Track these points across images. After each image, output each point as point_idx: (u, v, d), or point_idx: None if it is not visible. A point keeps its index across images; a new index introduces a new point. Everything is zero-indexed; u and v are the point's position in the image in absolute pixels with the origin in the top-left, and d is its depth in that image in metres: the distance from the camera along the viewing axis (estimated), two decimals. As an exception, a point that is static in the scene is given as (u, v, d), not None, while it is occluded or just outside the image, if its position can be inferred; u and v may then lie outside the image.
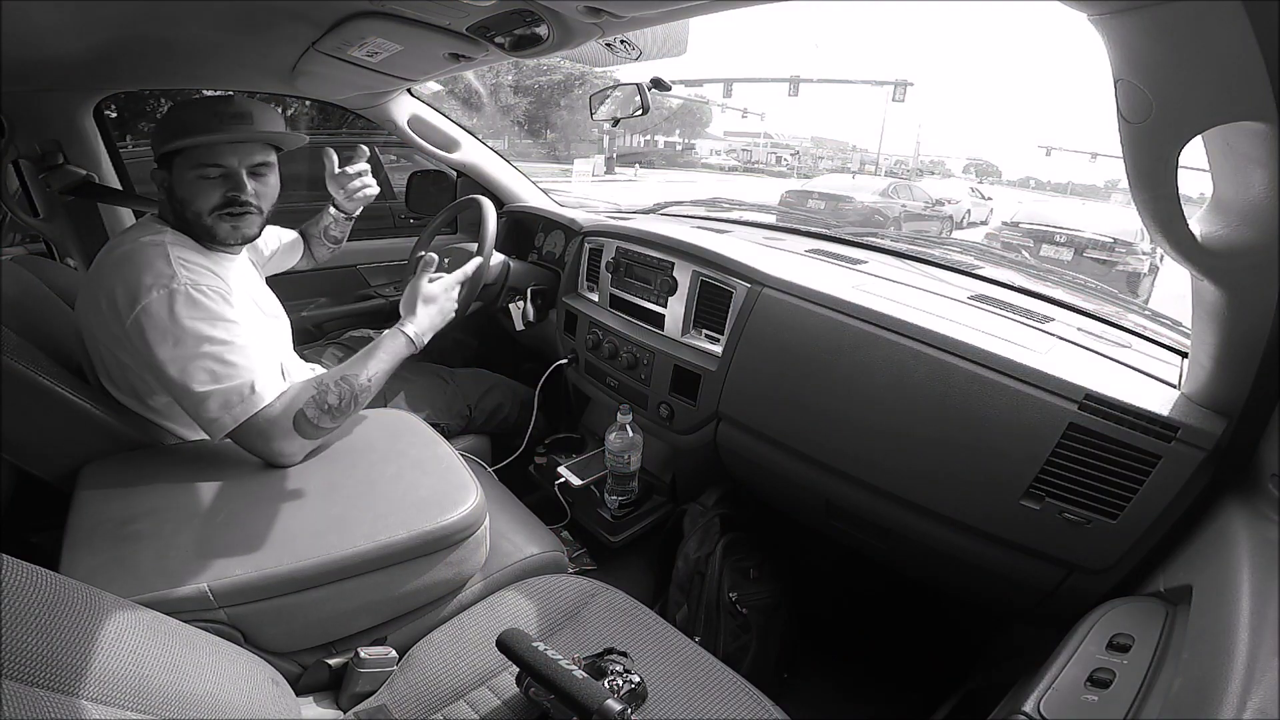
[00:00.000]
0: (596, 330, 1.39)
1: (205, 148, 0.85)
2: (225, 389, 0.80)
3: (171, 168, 0.87)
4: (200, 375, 0.79)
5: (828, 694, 1.14)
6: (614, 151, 19.33)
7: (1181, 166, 0.50)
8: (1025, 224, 5.79)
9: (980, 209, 12.25)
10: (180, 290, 0.80)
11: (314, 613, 0.72)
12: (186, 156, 0.85)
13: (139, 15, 0.91)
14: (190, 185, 0.86)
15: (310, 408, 0.84)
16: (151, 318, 0.79)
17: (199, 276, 0.83)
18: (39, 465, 0.85)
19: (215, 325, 0.81)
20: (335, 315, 1.75)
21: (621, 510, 1.33)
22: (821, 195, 9.16)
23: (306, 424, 0.84)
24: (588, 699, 0.61)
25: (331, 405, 0.86)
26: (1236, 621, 0.47)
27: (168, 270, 0.81)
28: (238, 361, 0.81)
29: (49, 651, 0.39)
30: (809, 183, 11.38)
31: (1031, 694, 0.54)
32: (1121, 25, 0.45)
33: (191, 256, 0.85)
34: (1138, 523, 0.74)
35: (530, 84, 16.92)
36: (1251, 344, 0.62)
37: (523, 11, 0.82)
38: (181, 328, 0.79)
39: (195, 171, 0.86)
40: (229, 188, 0.87)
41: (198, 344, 0.80)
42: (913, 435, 0.89)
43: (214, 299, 0.82)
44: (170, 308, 0.79)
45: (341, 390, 0.87)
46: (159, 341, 0.79)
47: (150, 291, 0.79)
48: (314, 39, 1.03)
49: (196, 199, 0.86)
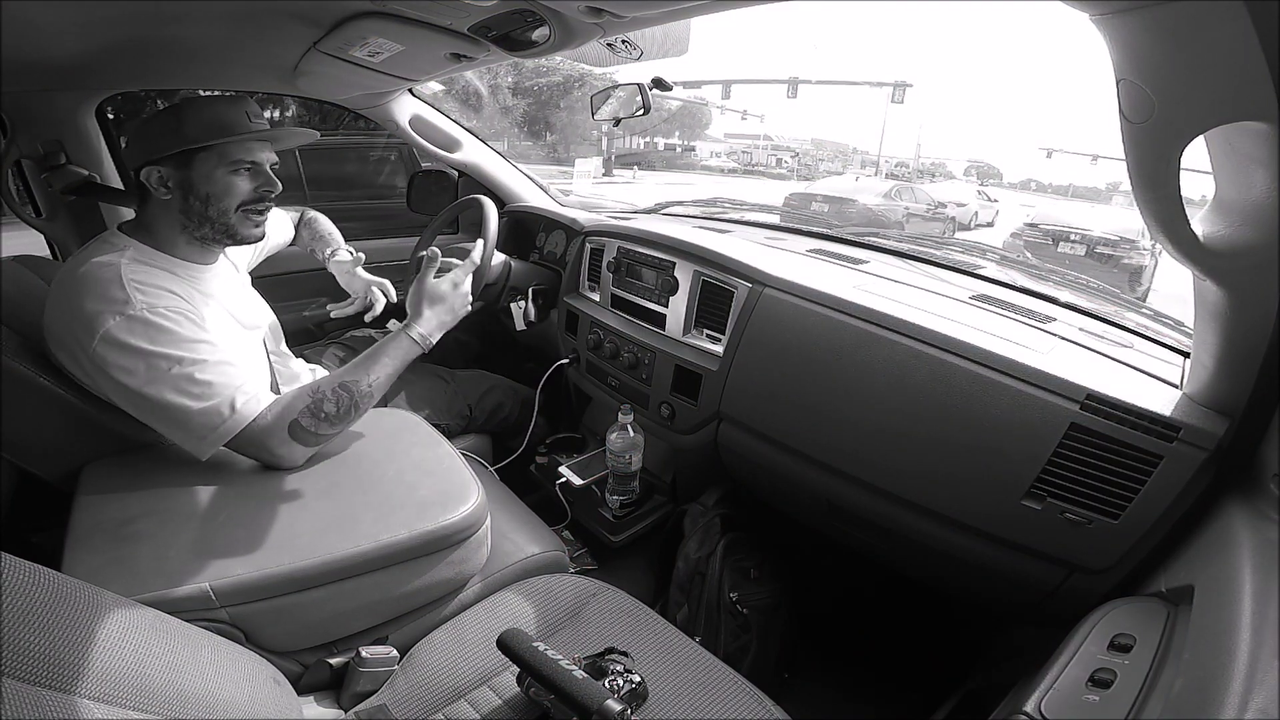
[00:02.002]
0: (598, 330, 1.39)
1: (238, 145, 0.85)
2: (204, 409, 0.77)
3: (191, 166, 0.84)
4: (175, 400, 0.77)
5: (828, 694, 1.14)
6: (612, 153, 19.45)
7: (1183, 169, 0.50)
8: (1043, 225, 6.49)
9: (987, 211, 12.81)
10: (138, 315, 0.76)
11: (315, 612, 0.73)
12: (217, 153, 0.84)
13: (140, 15, 0.91)
14: (219, 181, 0.85)
15: (305, 416, 0.82)
16: (113, 347, 0.76)
17: (154, 298, 0.79)
18: (40, 465, 0.85)
19: (180, 346, 0.78)
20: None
21: (622, 510, 1.33)
22: (825, 198, 9.40)
23: (303, 432, 0.82)
24: (588, 699, 0.61)
25: (329, 413, 0.84)
26: (1238, 622, 0.47)
27: (121, 295, 0.77)
28: (213, 380, 0.78)
29: (50, 650, 0.39)
30: (812, 185, 11.63)
31: (1032, 694, 0.54)
32: (1123, 25, 0.45)
33: (149, 276, 0.81)
34: (1139, 523, 0.73)
35: (529, 85, 16.95)
36: (1253, 344, 0.62)
37: (524, 11, 0.82)
38: (146, 354, 0.76)
39: (227, 168, 0.85)
40: (261, 182, 0.88)
41: (167, 368, 0.76)
42: (914, 435, 0.89)
43: (174, 319, 0.78)
44: (129, 335, 0.76)
45: (340, 398, 0.84)
46: (124, 372, 0.76)
47: (106, 319, 0.76)
48: (315, 39, 1.03)
49: (226, 195, 0.86)
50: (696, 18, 0.87)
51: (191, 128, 0.83)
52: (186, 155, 0.83)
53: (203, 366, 0.78)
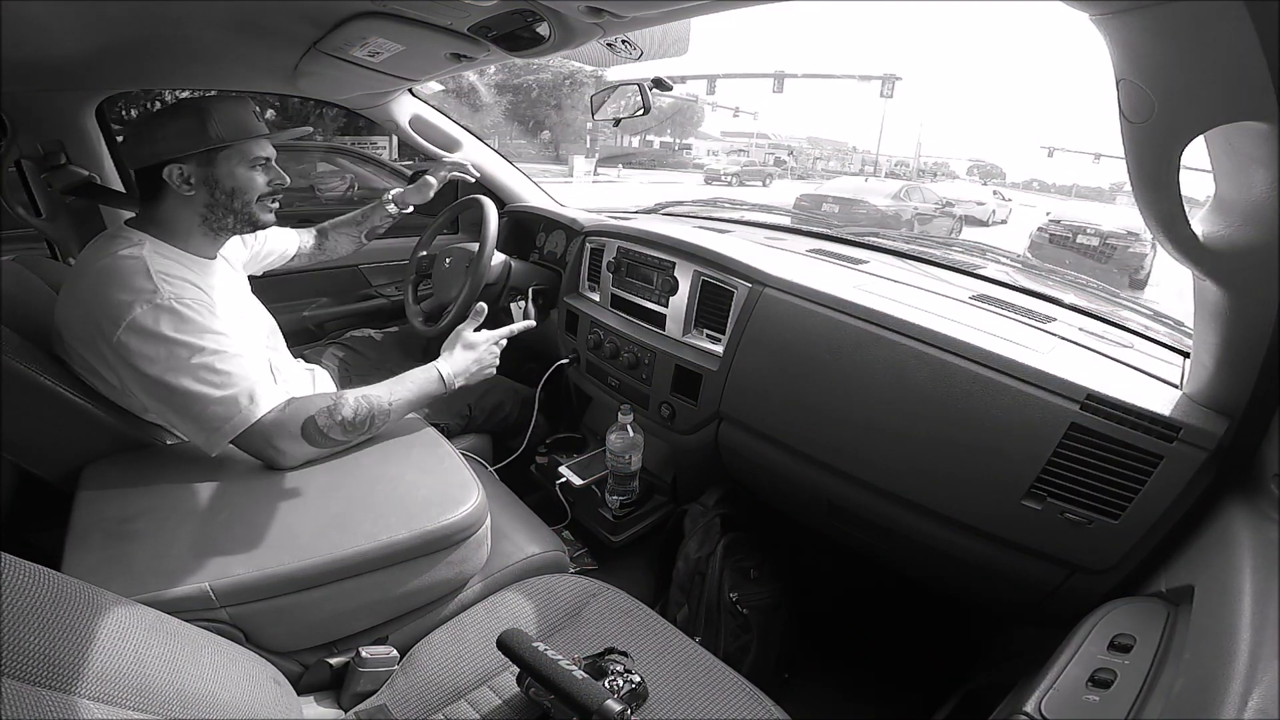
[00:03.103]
0: (598, 330, 1.39)
1: (255, 142, 0.91)
2: (223, 397, 0.79)
3: (215, 164, 0.88)
4: (195, 388, 0.79)
5: (828, 694, 1.14)
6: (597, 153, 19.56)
7: (1184, 167, 0.50)
8: (1065, 220, 8.19)
9: (1003, 209, 14.83)
10: (165, 305, 0.79)
11: (315, 612, 0.72)
12: (239, 152, 0.90)
13: (141, 15, 0.91)
14: (242, 177, 0.91)
15: (323, 416, 0.84)
16: (137, 335, 0.78)
17: (181, 290, 0.82)
18: (40, 465, 0.85)
19: (203, 336, 0.80)
20: (336, 315, 1.75)
21: (622, 510, 1.33)
22: (836, 199, 10.01)
23: (316, 431, 0.84)
24: (587, 699, 0.61)
25: (345, 418, 0.86)
26: (1238, 622, 0.47)
27: (149, 285, 0.80)
28: (232, 370, 0.80)
29: (50, 650, 0.39)
30: (823, 186, 12.23)
31: (1033, 694, 0.54)
32: (1123, 25, 0.45)
33: (171, 268, 0.84)
34: (1139, 523, 0.73)
35: (518, 83, 16.95)
36: (1253, 344, 0.62)
37: (524, 11, 0.82)
38: (170, 342, 0.78)
39: (247, 164, 0.91)
40: (273, 176, 0.94)
41: (189, 356, 0.79)
42: (914, 435, 0.89)
43: (199, 310, 0.81)
44: (156, 323, 0.78)
45: (359, 406, 0.87)
46: (148, 358, 0.78)
47: (133, 308, 0.78)
48: (316, 39, 1.03)
49: (249, 189, 0.92)
50: (696, 17, 0.88)
51: (217, 127, 0.87)
52: (210, 154, 0.88)
53: (223, 357, 0.81)
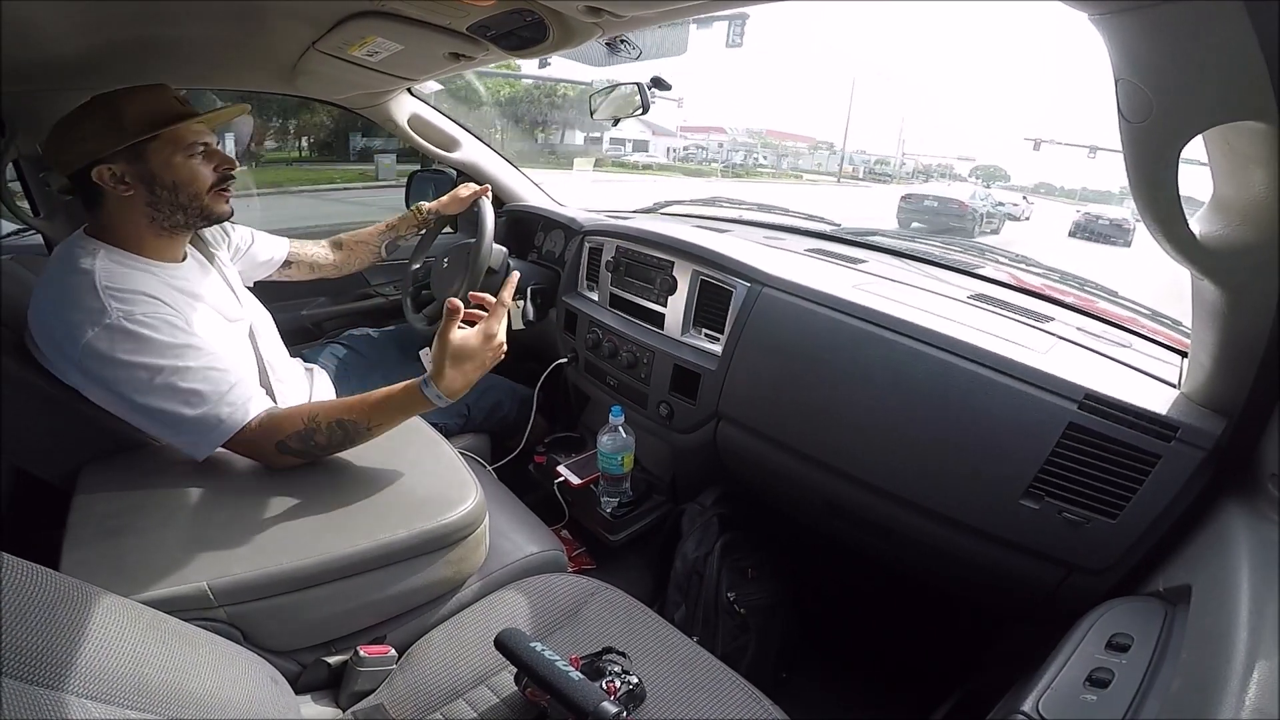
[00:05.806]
0: (596, 329, 1.39)
1: (188, 129, 0.83)
2: (195, 416, 0.77)
3: (145, 158, 0.81)
4: (165, 406, 0.76)
5: (827, 694, 1.14)
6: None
7: (1183, 160, 0.50)
8: (1092, 211, 10.81)
9: (1029, 209, 18.08)
10: (115, 324, 0.75)
11: (313, 611, 0.72)
12: (169, 141, 0.82)
13: (140, 15, 0.91)
14: (181, 168, 0.83)
15: (295, 440, 0.81)
16: (95, 359, 0.75)
17: (131, 305, 0.77)
18: (39, 465, 0.85)
19: (161, 354, 0.76)
20: (335, 314, 1.75)
21: (619, 510, 1.33)
22: (935, 198, 12.19)
23: (289, 452, 0.82)
24: (583, 701, 0.61)
25: (319, 444, 0.82)
26: (1236, 621, 0.47)
27: (97, 304, 0.75)
28: (199, 387, 0.77)
29: (48, 649, 0.39)
30: (924, 186, 14.78)
31: (1030, 694, 0.54)
32: (1122, 25, 0.45)
33: (123, 280, 0.79)
34: (1137, 522, 0.73)
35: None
36: (1251, 343, 0.62)
37: (523, 11, 0.82)
38: (127, 365, 0.75)
39: (183, 154, 0.83)
40: (218, 162, 0.87)
41: (150, 377, 0.75)
42: (912, 434, 0.89)
43: (154, 326, 0.77)
44: (110, 347, 0.74)
45: (333, 435, 0.82)
46: (111, 380, 0.75)
47: (85, 330, 0.74)
48: (314, 38, 1.03)
49: (194, 180, 0.84)
50: (696, 17, 0.88)
51: (133, 121, 0.80)
52: (136, 149, 0.80)
53: (186, 374, 0.77)
